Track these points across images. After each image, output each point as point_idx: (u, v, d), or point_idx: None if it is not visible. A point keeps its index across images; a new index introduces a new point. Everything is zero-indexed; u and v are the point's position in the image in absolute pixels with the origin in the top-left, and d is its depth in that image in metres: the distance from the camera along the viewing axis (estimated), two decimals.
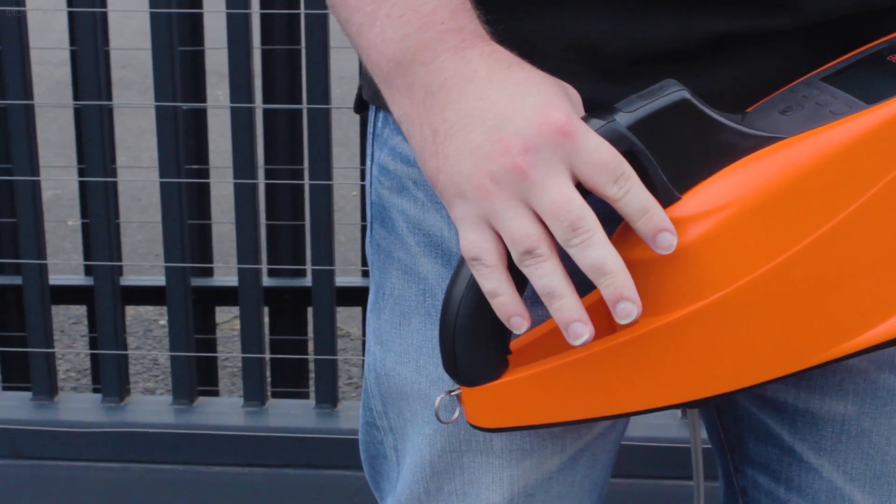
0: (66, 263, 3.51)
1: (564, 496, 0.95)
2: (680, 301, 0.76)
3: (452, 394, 0.81)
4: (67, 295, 2.41)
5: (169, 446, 1.86)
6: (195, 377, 1.94)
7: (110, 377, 1.92)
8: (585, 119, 0.74)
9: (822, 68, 0.81)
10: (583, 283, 0.75)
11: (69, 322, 3.21)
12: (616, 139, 0.74)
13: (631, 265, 0.77)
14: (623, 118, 0.74)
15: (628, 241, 0.78)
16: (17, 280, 2.07)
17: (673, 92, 0.75)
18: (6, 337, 2.26)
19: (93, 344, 2.15)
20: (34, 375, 1.93)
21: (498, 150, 0.72)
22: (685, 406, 0.80)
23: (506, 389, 0.80)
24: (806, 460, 0.97)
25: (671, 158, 0.75)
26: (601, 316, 0.81)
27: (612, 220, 0.77)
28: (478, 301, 0.77)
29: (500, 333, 0.79)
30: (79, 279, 2.42)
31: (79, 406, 1.94)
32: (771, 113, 0.79)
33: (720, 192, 0.75)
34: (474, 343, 0.78)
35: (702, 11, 0.79)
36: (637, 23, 0.80)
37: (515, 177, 0.72)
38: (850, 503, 0.97)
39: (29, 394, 1.96)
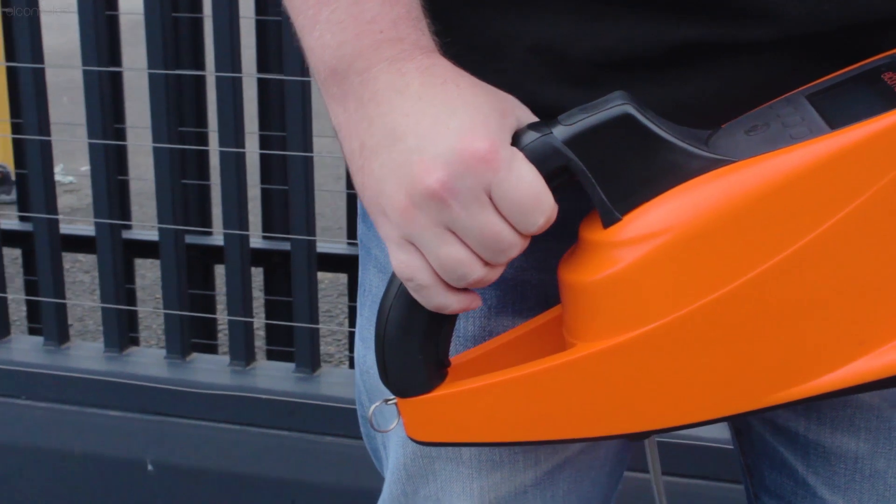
0: None
1: None
2: (613, 329, 0.71)
3: (389, 402, 0.80)
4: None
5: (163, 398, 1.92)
6: (188, 333, 1.97)
7: (111, 328, 1.98)
8: (521, 132, 0.71)
9: (813, 83, 0.74)
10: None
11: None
12: (550, 154, 0.69)
13: (574, 288, 0.73)
14: (560, 132, 0.70)
15: (572, 264, 0.74)
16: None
17: (615, 106, 0.70)
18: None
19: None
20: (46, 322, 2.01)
21: (418, 173, 0.68)
22: (622, 438, 0.76)
23: (439, 404, 0.77)
24: (820, 496, 0.92)
25: (613, 176, 0.70)
26: (553, 335, 0.78)
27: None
28: (406, 313, 0.74)
29: (433, 346, 0.76)
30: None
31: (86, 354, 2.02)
32: (737, 131, 0.73)
33: (661, 216, 0.70)
34: (403, 354, 0.76)
35: (669, 18, 0.74)
36: (601, 27, 0.75)
37: (436, 204, 0.68)
38: None
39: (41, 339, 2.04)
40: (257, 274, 2.65)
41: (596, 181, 0.70)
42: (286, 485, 1.86)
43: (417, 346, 0.75)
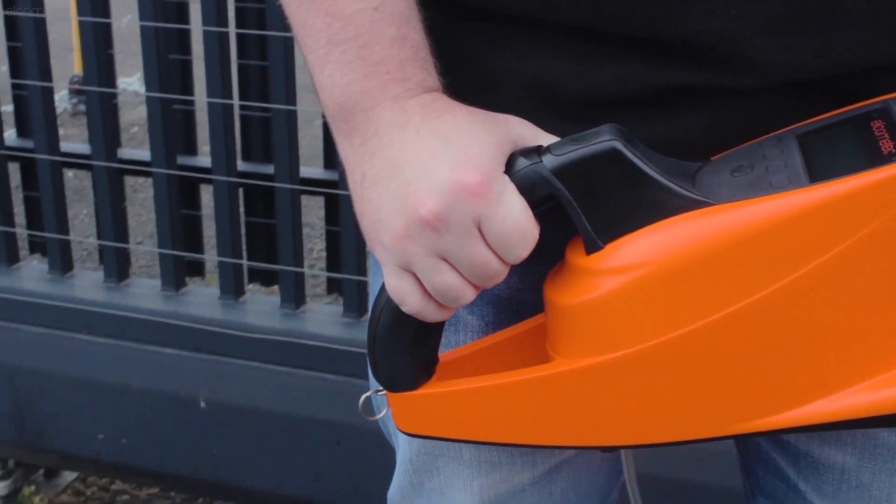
0: None
1: None
2: (588, 351, 0.75)
3: (379, 393, 0.83)
4: None
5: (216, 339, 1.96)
6: (242, 276, 2.01)
7: (167, 267, 2.03)
8: (514, 157, 0.73)
9: (806, 122, 0.76)
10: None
11: None
12: (538, 182, 0.72)
13: (555, 307, 0.76)
14: (549, 161, 0.72)
15: (556, 283, 0.77)
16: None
17: (604, 141, 0.72)
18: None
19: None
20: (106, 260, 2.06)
21: (412, 204, 0.71)
22: (592, 450, 0.79)
23: (424, 400, 0.81)
24: (810, 501, 0.95)
25: (598, 206, 0.73)
26: (535, 343, 0.81)
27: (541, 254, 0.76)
28: (396, 318, 0.77)
29: (421, 347, 0.80)
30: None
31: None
32: (723, 169, 0.74)
33: (640, 249, 0.72)
34: (392, 353, 0.79)
35: (655, 63, 0.75)
36: (593, 67, 0.77)
37: (429, 234, 0.71)
38: None
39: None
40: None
41: (581, 210, 0.73)
42: (333, 426, 1.91)
43: (406, 347, 0.79)
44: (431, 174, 0.71)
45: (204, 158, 2.16)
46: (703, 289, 0.71)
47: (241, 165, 2.11)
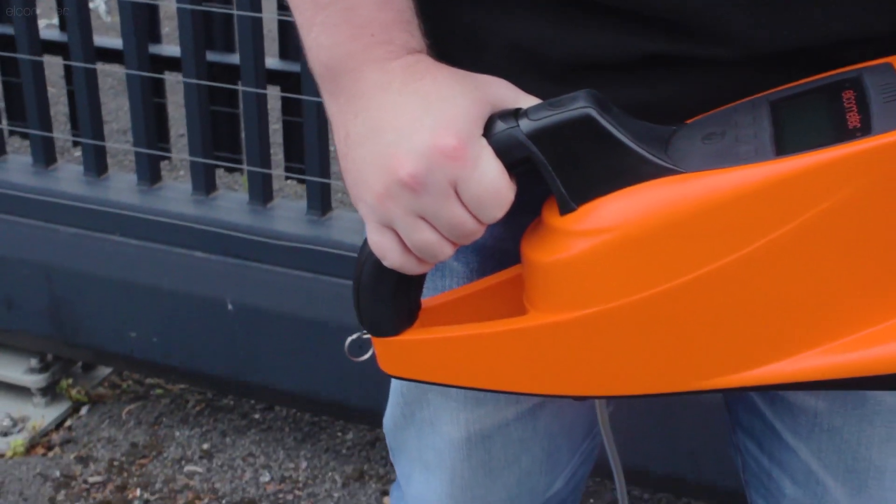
0: None
1: (527, 440, 1.01)
2: (559, 307, 0.78)
3: (364, 336, 0.88)
4: None
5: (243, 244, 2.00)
6: (270, 183, 2.04)
7: (198, 172, 2.05)
8: (492, 121, 0.76)
9: (781, 88, 0.78)
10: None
11: None
12: (514, 145, 0.75)
13: (530, 263, 0.80)
14: (525, 125, 0.75)
15: (532, 241, 0.80)
16: None
17: (579, 108, 0.74)
18: None
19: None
20: (139, 164, 2.09)
21: (392, 165, 0.75)
22: (564, 398, 0.83)
23: (405, 345, 0.85)
24: (785, 440, 0.98)
25: (571, 170, 0.76)
26: (514, 292, 0.85)
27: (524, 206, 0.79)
28: (378, 269, 0.82)
29: (403, 296, 0.84)
30: None
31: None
32: (696, 135, 0.77)
33: (610, 213, 0.75)
34: (375, 301, 0.84)
35: (632, 30, 0.77)
36: (575, 32, 0.79)
37: (408, 194, 0.75)
38: (824, 488, 0.98)
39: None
40: None
41: (555, 173, 0.76)
42: (355, 330, 1.95)
43: (388, 297, 0.83)
44: (411, 137, 0.75)
45: (234, 56, 2.18)
46: (668, 254, 0.74)
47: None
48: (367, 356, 0.89)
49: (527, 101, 0.78)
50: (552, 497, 1.09)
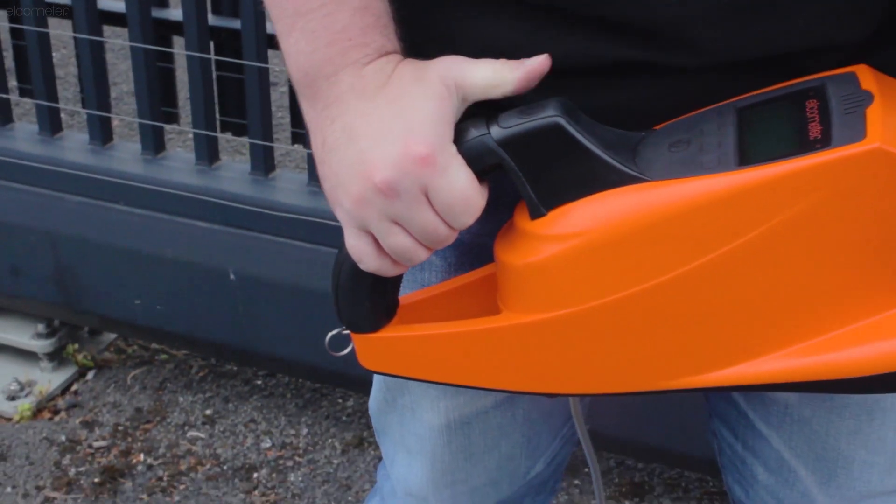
0: None
1: (506, 426, 1.04)
2: (530, 308, 0.81)
3: (343, 332, 0.90)
4: None
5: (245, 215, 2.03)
6: (271, 154, 2.06)
7: (201, 143, 2.07)
8: (463, 128, 0.78)
9: (748, 95, 0.80)
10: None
11: None
12: (485, 152, 0.77)
13: (502, 265, 0.82)
14: (496, 132, 0.77)
15: (504, 243, 0.83)
16: None
17: (548, 116, 0.76)
18: None
19: None
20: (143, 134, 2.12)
21: (366, 171, 0.77)
22: (535, 395, 0.86)
23: (382, 342, 0.88)
24: (758, 428, 1.01)
25: (541, 176, 0.78)
26: (489, 291, 0.87)
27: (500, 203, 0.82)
28: (355, 270, 0.84)
29: (380, 295, 0.86)
30: None
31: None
32: (663, 142, 0.79)
33: (578, 219, 0.78)
34: (353, 300, 0.86)
35: (600, 38, 0.79)
36: (547, 39, 0.80)
37: (382, 200, 0.77)
38: (795, 476, 1.01)
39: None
40: None
41: (525, 179, 0.78)
42: None
43: (365, 296, 0.86)
44: (384, 144, 0.77)
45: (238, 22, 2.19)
46: (634, 259, 0.76)
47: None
48: (346, 351, 0.91)
49: (476, 64, 0.78)
50: (534, 479, 1.11)
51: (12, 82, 2.86)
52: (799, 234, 0.74)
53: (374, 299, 0.86)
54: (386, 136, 0.77)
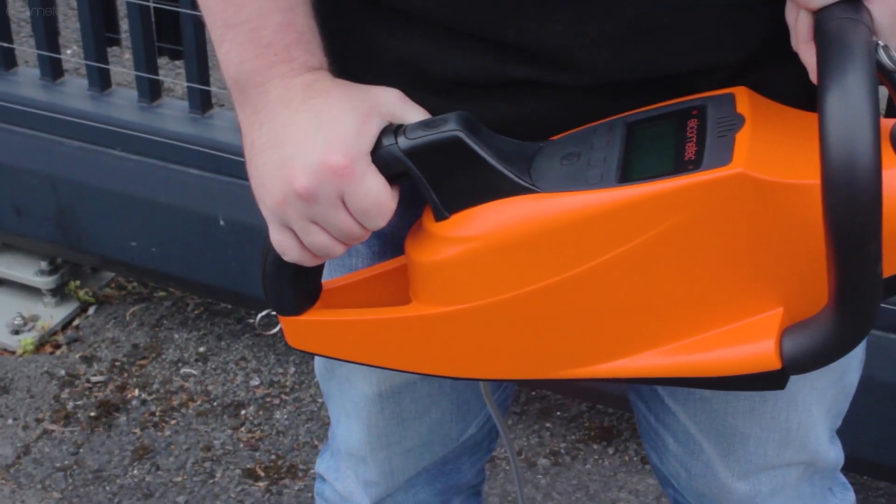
0: None
1: (434, 395, 1.12)
2: (436, 300, 0.89)
3: (272, 313, 0.99)
4: None
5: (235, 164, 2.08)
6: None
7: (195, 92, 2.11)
8: (379, 138, 0.85)
9: (638, 111, 0.86)
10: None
11: None
12: (393, 161, 0.85)
13: (411, 261, 0.90)
14: (403, 143, 0.84)
15: (413, 240, 0.91)
16: None
17: (449, 130, 0.84)
18: None
19: None
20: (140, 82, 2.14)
21: (288, 176, 0.84)
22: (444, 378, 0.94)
23: (306, 324, 0.96)
24: (667, 404, 1.09)
25: (443, 183, 0.85)
26: (404, 279, 0.95)
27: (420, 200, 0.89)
28: (280, 261, 0.92)
29: (303, 283, 0.95)
30: None
31: None
32: (557, 154, 0.86)
33: (476, 224, 0.85)
34: (278, 286, 0.94)
35: (495, 57, 0.86)
36: (451, 54, 0.87)
37: (301, 204, 0.84)
38: (700, 447, 1.09)
39: None
40: None
41: (429, 185, 0.86)
42: None
43: (289, 283, 0.94)
44: (305, 153, 0.84)
45: None
46: (524, 263, 0.84)
47: None
48: (275, 330, 1.00)
49: (412, 110, 0.87)
50: (467, 440, 1.20)
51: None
52: (671, 246, 0.81)
53: (297, 286, 0.94)
54: (307, 146, 0.84)
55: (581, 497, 1.97)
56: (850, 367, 1.07)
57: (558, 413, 2.12)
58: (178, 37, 2.19)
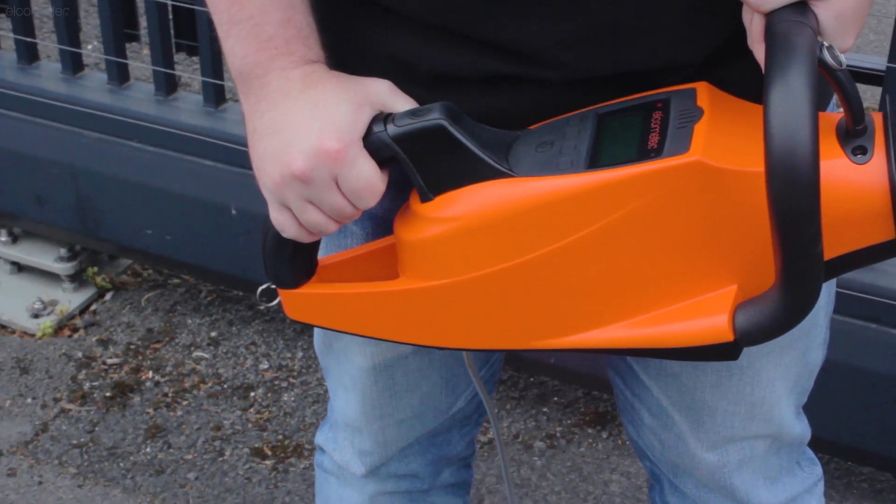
0: None
1: (424, 369, 1.20)
2: (421, 276, 0.96)
3: (271, 287, 1.07)
4: None
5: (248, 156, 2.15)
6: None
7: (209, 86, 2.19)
8: (370, 124, 0.93)
9: (608, 103, 0.94)
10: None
11: None
12: (382, 146, 0.93)
13: (399, 239, 0.98)
14: (391, 130, 0.92)
15: (401, 220, 0.99)
16: None
17: (433, 119, 0.91)
18: None
19: None
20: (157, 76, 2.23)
21: (286, 160, 0.91)
22: (433, 348, 1.02)
23: (303, 297, 1.04)
24: (641, 378, 1.17)
25: (428, 167, 0.93)
26: (392, 257, 1.03)
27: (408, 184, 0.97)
28: (278, 237, 0.99)
29: (300, 258, 1.02)
30: None
31: None
32: (532, 142, 0.94)
33: (457, 205, 0.93)
34: (277, 260, 1.02)
35: (475, 53, 0.94)
36: (434, 50, 0.95)
37: (298, 185, 0.92)
38: (672, 420, 1.17)
39: None
40: None
41: (415, 169, 0.93)
42: None
43: (287, 258, 1.02)
44: (302, 138, 0.92)
45: None
46: (501, 241, 0.92)
47: None
48: (274, 303, 1.08)
49: (401, 100, 0.94)
50: (456, 413, 1.28)
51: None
52: (634, 227, 0.89)
53: (295, 261, 1.02)
54: (305, 131, 0.92)
55: (575, 478, 2.04)
56: (812, 345, 1.14)
57: (555, 398, 2.20)
58: (194, 34, 2.28)
